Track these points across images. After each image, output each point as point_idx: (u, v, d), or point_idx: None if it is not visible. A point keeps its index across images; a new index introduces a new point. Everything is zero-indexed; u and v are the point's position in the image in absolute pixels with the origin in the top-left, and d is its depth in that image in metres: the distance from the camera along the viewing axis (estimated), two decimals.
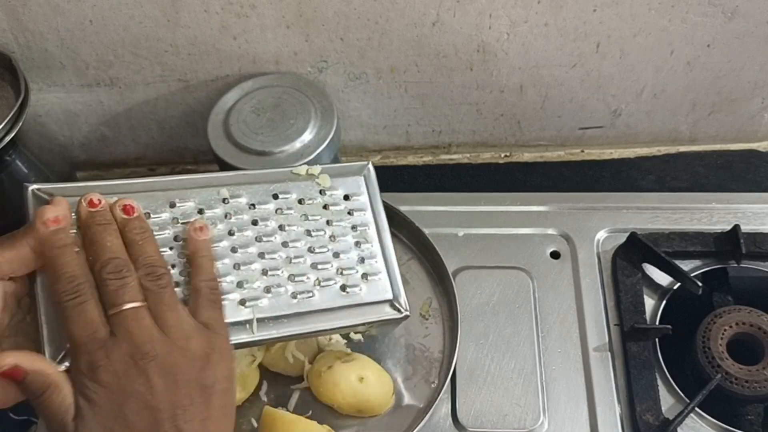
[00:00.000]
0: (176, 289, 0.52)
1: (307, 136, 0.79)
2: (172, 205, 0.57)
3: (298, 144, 0.78)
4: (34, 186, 0.55)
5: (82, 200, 0.52)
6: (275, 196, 0.60)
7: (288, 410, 0.70)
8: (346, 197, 0.63)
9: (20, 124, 0.75)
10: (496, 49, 0.83)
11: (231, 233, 0.58)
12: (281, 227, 0.59)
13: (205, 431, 0.48)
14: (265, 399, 0.71)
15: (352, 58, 0.84)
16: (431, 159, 0.97)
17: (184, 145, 0.93)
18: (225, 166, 0.79)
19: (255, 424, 0.70)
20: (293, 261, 0.59)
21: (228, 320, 0.54)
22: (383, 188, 0.88)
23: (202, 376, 0.48)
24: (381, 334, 0.70)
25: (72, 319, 0.48)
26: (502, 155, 0.96)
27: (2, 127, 0.74)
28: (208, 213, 0.58)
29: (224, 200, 0.59)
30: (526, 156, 0.96)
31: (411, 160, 0.97)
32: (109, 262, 0.49)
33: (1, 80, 0.79)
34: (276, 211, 0.60)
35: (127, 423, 0.46)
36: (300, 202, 0.61)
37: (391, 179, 0.94)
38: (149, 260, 0.50)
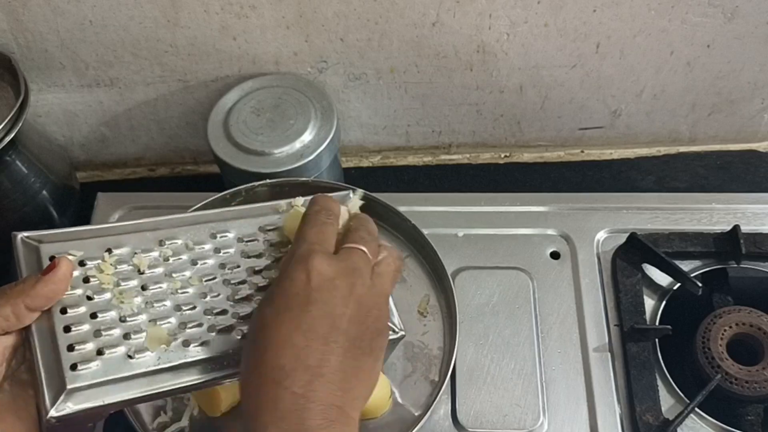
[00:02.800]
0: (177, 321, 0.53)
1: (307, 137, 0.79)
2: (161, 243, 0.56)
3: (297, 144, 0.78)
4: (23, 234, 0.54)
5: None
6: (262, 230, 0.59)
7: None
8: None
9: (20, 124, 0.75)
10: (496, 50, 0.83)
11: (223, 266, 0.57)
12: (271, 258, 0.58)
13: (354, 376, 0.48)
14: None
15: (352, 59, 0.84)
16: (431, 159, 0.97)
17: (184, 145, 0.93)
18: (225, 167, 0.79)
19: None
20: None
21: (230, 350, 0.54)
22: (383, 189, 0.88)
23: (375, 335, 0.50)
24: None
25: (309, 226, 0.52)
26: (502, 156, 0.97)
27: (2, 128, 0.74)
28: (197, 249, 0.57)
29: (212, 236, 0.58)
30: (526, 156, 0.96)
31: (411, 160, 0.97)
32: (370, 229, 0.54)
33: (1, 80, 0.79)
34: (264, 244, 0.59)
35: (304, 318, 0.47)
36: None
37: (391, 179, 0.94)
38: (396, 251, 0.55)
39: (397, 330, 0.59)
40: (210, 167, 0.95)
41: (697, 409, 0.71)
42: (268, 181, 0.74)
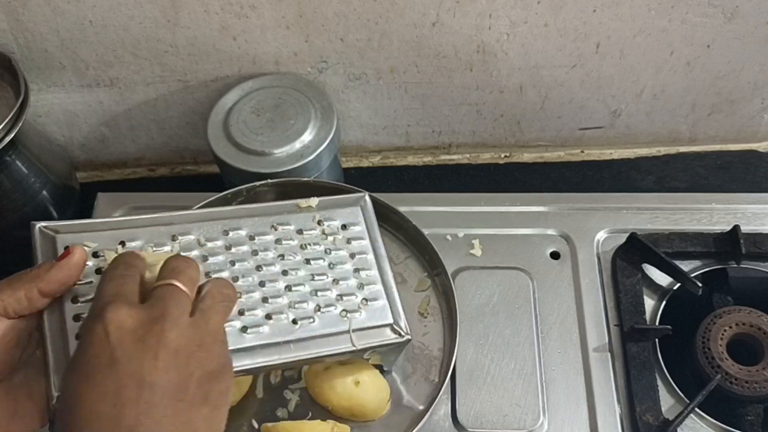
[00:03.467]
0: None
1: (307, 137, 0.79)
2: (174, 239, 0.58)
3: (297, 144, 0.78)
4: (41, 224, 0.56)
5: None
6: (274, 227, 0.61)
7: (288, 411, 0.70)
8: (344, 227, 0.64)
9: (20, 124, 0.75)
10: (496, 50, 0.83)
11: (232, 263, 0.59)
12: (281, 256, 0.60)
13: (203, 419, 0.45)
14: (261, 396, 0.71)
15: (351, 59, 0.84)
16: (431, 159, 0.97)
17: (184, 145, 0.93)
18: (225, 167, 0.79)
19: (256, 425, 0.70)
20: (293, 288, 0.60)
21: (230, 347, 0.53)
22: (383, 189, 0.88)
23: (206, 379, 0.46)
24: (385, 364, 0.69)
25: (108, 280, 0.48)
26: (502, 156, 0.97)
27: (2, 128, 0.74)
28: (209, 245, 0.59)
29: (225, 232, 0.60)
30: (526, 156, 0.96)
31: (411, 160, 0.97)
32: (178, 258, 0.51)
33: (1, 81, 0.79)
34: (275, 241, 0.61)
35: (106, 381, 0.43)
36: (299, 232, 0.62)
37: (391, 179, 0.94)
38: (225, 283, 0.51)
39: (402, 333, 0.62)
40: (210, 167, 0.95)
41: (697, 409, 0.71)
42: (269, 181, 0.74)
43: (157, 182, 0.95)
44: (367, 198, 0.66)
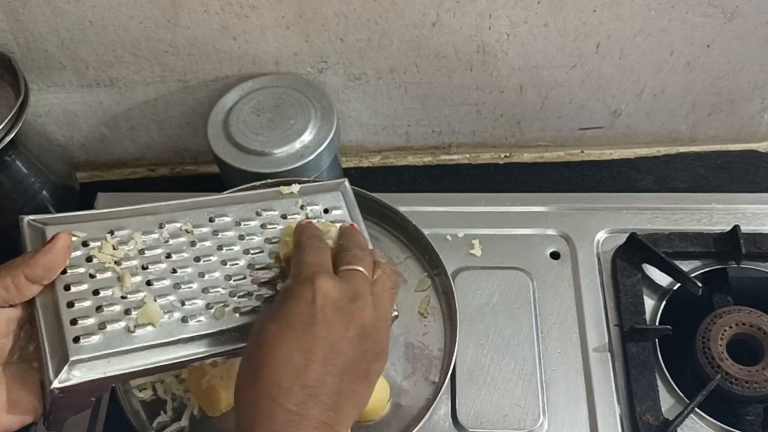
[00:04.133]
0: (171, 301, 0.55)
1: (307, 137, 0.79)
2: (162, 226, 0.59)
3: (297, 144, 0.78)
4: (30, 217, 0.57)
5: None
6: (258, 213, 0.62)
7: None
8: (326, 211, 0.64)
9: (20, 124, 0.75)
10: (496, 50, 0.83)
11: (220, 248, 0.59)
12: (267, 240, 0.60)
13: (347, 399, 0.49)
14: None
15: (351, 59, 0.84)
16: (431, 159, 0.97)
17: (184, 145, 0.93)
18: (225, 167, 0.79)
19: None
20: (282, 271, 0.60)
21: (227, 326, 0.55)
22: (383, 189, 0.88)
23: (374, 359, 0.51)
24: None
25: (307, 250, 0.54)
26: (502, 156, 0.97)
27: (2, 128, 0.74)
28: (196, 231, 0.59)
29: (211, 219, 0.61)
30: (526, 156, 0.96)
31: (411, 160, 0.97)
32: (359, 244, 0.56)
33: (1, 81, 0.79)
34: (261, 226, 0.61)
35: (306, 337, 0.48)
36: (283, 217, 0.62)
37: (391, 180, 0.94)
38: (389, 262, 0.56)
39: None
40: (210, 167, 0.95)
41: (697, 409, 0.71)
42: (269, 181, 0.74)
43: (157, 182, 0.96)
44: (347, 184, 0.66)
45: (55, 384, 0.50)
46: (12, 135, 0.75)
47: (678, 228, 0.83)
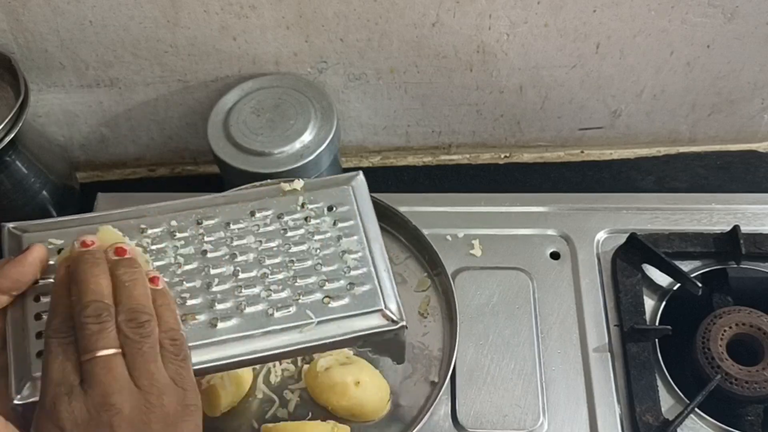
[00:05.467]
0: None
1: (307, 137, 0.79)
2: (143, 231, 0.56)
3: (297, 144, 0.78)
4: (10, 225, 0.56)
5: (75, 241, 0.51)
6: (252, 213, 0.58)
7: (288, 411, 0.70)
8: (330, 208, 0.59)
9: (20, 124, 0.75)
10: (496, 50, 0.83)
11: (204, 253, 0.56)
12: (258, 243, 0.57)
13: None
14: (261, 396, 0.71)
15: (351, 59, 0.84)
16: (431, 160, 0.97)
17: (184, 145, 0.93)
18: (225, 167, 0.79)
19: (255, 425, 0.70)
20: (270, 276, 0.56)
21: (200, 342, 0.52)
22: (383, 189, 0.88)
23: (175, 425, 0.46)
24: (392, 357, 0.63)
25: (51, 358, 0.47)
26: (502, 156, 0.97)
27: (2, 128, 0.74)
28: (179, 235, 0.56)
29: (198, 222, 0.57)
30: (526, 157, 0.96)
31: (411, 160, 0.97)
32: (89, 304, 0.47)
33: (1, 81, 0.79)
34: (254, 228, 0.57)
35: None
36: (279, 217, 0.59)
37: (391, 180, 0.94)
38: (134, 305, 0.48)
39: (395, 319, 0.56)
40: (210, 167, 0.95)
41: (697, 409, 0.71)
42: (268, 181, 0.74)
43: (157, 182, 0.95)
44: (360, 177, 0.61)
45: (16, 400, 0.49)
46: (12, 135, 0.75)
47: (678, 228, 0.83)
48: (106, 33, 0.79)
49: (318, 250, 0.58)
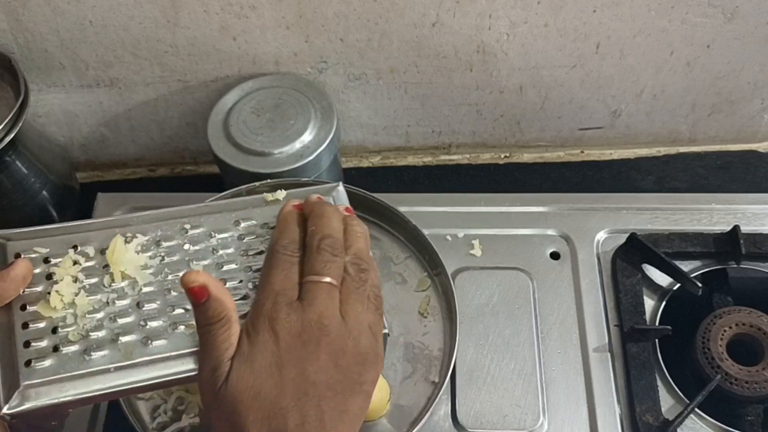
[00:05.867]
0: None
1: (307, 137, 0.79)
2: (127, 241, 0.55)
3: (297, 145, 0.78)
4: None
5: (312, 196, 0.56)
6: (237, 223, 0.58)
7: None
8: None
9: (20, 124, 0.75)
10: (496, 50, 0.83)
11: (189, 262, 0.56)
12: (244, 253, 0.57)
13: (340, 422, 0.48)
14: None
15: (351, 59, 0.84)
16: (431, 160, 0.97)
17: (184, 145, 0.93)
18: (225, 167, 0.79)
19: None
20: (250, 283, 0.56)
21: (191, 349, 0.52)
22: (383, 189, 0.88)
23: (358, 371, 0.49)
24: None
25: (276, 270, 0.50)
26: (502, 156, 0.97)
27: (2, 128, 0.74)
28: (165, 244, 0.56)
29: (183, 231, 0.57)
30: (526, 157, 0.96)
31: (411, 160, 0.97)
32: (330, 236, 0.51)
33: (1, 81, 0.79)
34: (238, 238, 0.57)
35: (279, 381, 0.47)
36: (262, 227, 0.58)
37: (391, 180, 0.94)
38: (361, 252, 0.52)
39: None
40: (210, 167, 0.95)
41: (697, 409, 0.71)
42: (268, 181, 0.74)
43: (157, 182, 0.95)
44: (341, 188, 0.62)
45: (5, 410, 0.48)
46: (12, 135, 0.75)
47: (678, 228, 0.83)
48: (106, 33, 0.79)
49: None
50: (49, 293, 0.52)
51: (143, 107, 0.88)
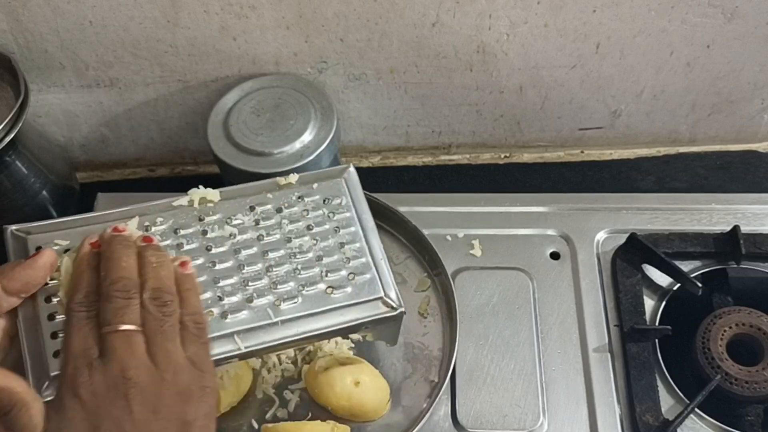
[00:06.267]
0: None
1: (307, 137, 0.79)
2: (147, 229, 0.57)
3: (297, 145, 0.78)
4: (13, 227, 0.56)
5: (108, 228, 0.53)
6: (252, 208, 0.60)
7: (288, 411, 0.70)
8: (326, 201, 0.62)
9: (20, 124, 0.75)
10: (496, 50, 0.83)
11: (208, 249, 0.58)
12: (259, 237, 0.59)
13: None
14: (261, 396, 0.71)
15: (351, 59, 0.84)
16: (431, 160, 0.97)
17: (184, 145, 0.93)
18: (225, 167, 0.79)
19: (255, 425, 0.70)
20: (274, 269, 0.58)
21: (212, 335, 0.53)
22: (383, 189, 0.88)
23: (183, 411, 0.47)
24: (386, 340, 0.67)
25: (73, 331, 0.48)
26: (502, 156, 0.97)
27: (2, 128, 0.74)
28: (182, 232, 0.58)
29: (200, 218, 0.59)
30: (526, 157, 0.96)
31: (411, 160, 0.97)
32: (119, 279, 0.49)
33: (1, 81, 0.79)
34: (254, 222, 0.59)
35: None
36: (278, 210, 0.61)
37: (391, 180, 0.94)
38: (159, 284, 0.50)
39: (395, 306, 0.59)
40: (210, 167, 0.95)
41: (697, 409, 0.71)
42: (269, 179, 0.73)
43: (157, 182, 0.95)
44: (352, 169, 0.63)
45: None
46: (12, 135, 0.75)
47: (678, 228, 0.83)
48: (106, 33, 0.79)
49: (317, 242, 0.60)
50: None
51: (143, 107, 0.88)
